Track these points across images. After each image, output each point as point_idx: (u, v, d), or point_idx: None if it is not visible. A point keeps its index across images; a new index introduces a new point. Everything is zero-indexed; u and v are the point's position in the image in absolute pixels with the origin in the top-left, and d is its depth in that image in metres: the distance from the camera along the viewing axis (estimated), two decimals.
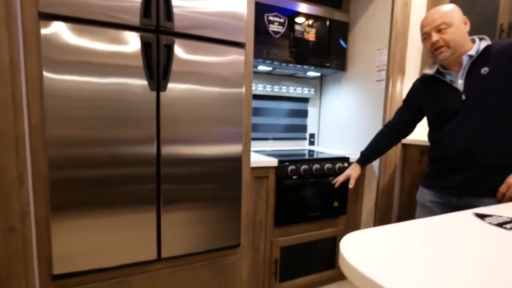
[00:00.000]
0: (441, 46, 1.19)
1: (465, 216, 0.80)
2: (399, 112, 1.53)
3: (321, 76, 2.41)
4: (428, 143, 1.77)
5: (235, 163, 1.43)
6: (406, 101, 1.50)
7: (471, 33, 1.24)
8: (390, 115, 1.87)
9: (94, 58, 1.11)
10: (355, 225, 2.02)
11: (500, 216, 0.82)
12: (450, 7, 1.20)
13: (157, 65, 1.22)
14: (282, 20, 1.80)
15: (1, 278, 1.05)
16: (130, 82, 1.18)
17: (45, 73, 1.04)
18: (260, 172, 1.62)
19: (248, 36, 1.41)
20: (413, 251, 0.56)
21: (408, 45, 1.87)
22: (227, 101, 1.38)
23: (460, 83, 1.22)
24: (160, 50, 1.22)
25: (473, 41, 1.22)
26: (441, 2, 1.87)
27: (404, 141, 1.93)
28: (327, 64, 2.00)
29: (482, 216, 0.81)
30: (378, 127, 1.91)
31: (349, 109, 2.18)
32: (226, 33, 1.34)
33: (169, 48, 1.23)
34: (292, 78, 2.29)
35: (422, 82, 1.39)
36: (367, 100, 2.02)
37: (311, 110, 2.44)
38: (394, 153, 1.92)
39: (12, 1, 0.96)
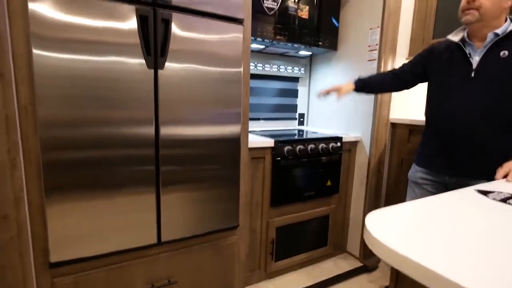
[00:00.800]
0: (472, 8, 1.15)
1: (469, 193, 0.83)
2: (407, 63, 1.48)
3: (311, 56, 2.39)
4: (416, 123, 1.83)
5: (234, 143, 1.41)
6: (420, 55, 1.44)
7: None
8: (382, 96, 1.89)
9: (87, 34, 1.03)
10: (346, 203, 2.08)
11: (501, 192, 0.86)
12: None
13: (154, 41, 1.15)
14: None
15: None
16: (126, 59, 1.11)
17: (34, 51, 0.96)
18: (256, 153, 1.61)
19: (246, 12, 1.36)
20: (431, 226, 0.57)
21: (399, 24, 1.88)
22: (226, 80, 1.33)
23: (476, 60, 1.20)
24: (157, 25, 1.14)
25: (505, 19, 1.17)
26: None
27: (393, 120, 1.98)
28: (319, 43, 1.98)
29: (484, 193, 0.85)
30: (370, 107, 1.94)
31: None
32: (224, 8, 1.28)
33: (167, 23, 1.16)
34: (282, 57, 2.25)
35: (444, 46, 1.34)
36: None
37: (301, 89, 2.43)
38: (385, 132, 1.96)
39: None
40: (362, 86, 1.53)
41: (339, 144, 1.89)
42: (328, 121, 2.30)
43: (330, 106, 2.27)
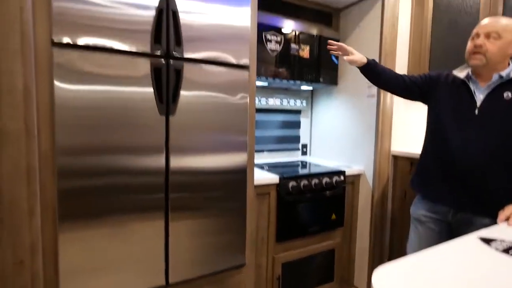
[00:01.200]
0: (479, 52, 1.21)
1: (472, 242, 0.85)
2: (417, 76, 1.49)
3: (313, 89, 2.47)
4: (418, 156, 1.86)
5: (240, 175, 1.45)
6: (430, 76, 1.47)
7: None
8: (383, 129, 1.95)
9: (105, 82, 1.11)
10: (351, 236, 2.09)
11: (503, 241, 0.88)
12: (509, 22, 1.21)
13: (166, 90, 1.22)
14: (278, 39, 1.84)
15: None
16: (140, 107, 1.17)
17: (56, 82, 1.03)
18: (262, 189, 1.65)
19: (251, 58, 1.44)
20: (437, 284, 0.60)
21: (396, 63, 1.97)
22: (232, 115, 1.40)
23: (480, 98, 1.25)
24: (169, 75, 1.22)
25: (509, 64, 1.24)
26: (424, 24, 1.99)
27: (395, 153, 2.02)
28: (320, 79, 2.07)
29: (487, 241, 0.87)
30: (371, 140, 2.00)
31: (341, 121, 2.25)
32: (231, 57, 1.36)
33: (178, 73, 1.24)
34: (285, 90, 2.33)
35: (448, 78, 1.39)
36: (358, 113, 2.09)
37: (303, 121, 2.49)
38: (387, 165, 2.01)
39: (27, 30, 0.93)
40: (372, 68, 1.51)
41: (342, 177, 1.93)
42: (331, 151, 2.34)
43: (333, 138, 2.32)
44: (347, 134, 2.19)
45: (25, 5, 0.94)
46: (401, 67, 2.02)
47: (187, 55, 1.25)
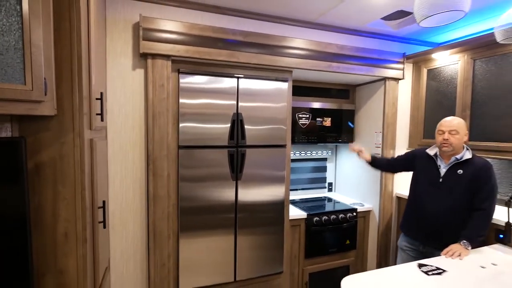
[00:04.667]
0: (447, 144, 1.83)
1: (412, 266, 1.52)
2: (399, 157, 2.23)
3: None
4: None
5: (280, 206, 2.29)
6: (407, 154, 2.18)
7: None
8: (386, 177, 2.63)
9: (206, 162, 2.00)
10: (363, 257, 2.77)
11: (431, 266, 1.53)
12: (461, 121, 1.85)
13: (236, 164, 2.07)
14: (307, 116, 2.63)
15: None
16: (222, 174, 2.04)
17: (180, 169, 1.92)
18: (294, 222, 2.42)
19: (288, 140, 2.26)
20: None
21: (397, 130, 2.65)
22: (275, 173, 2.21)
23: (443, 171, 1.89)
24: (238, 157, 2.07)
25: (463, 148, 1.86)
26: (419, 101, 2.64)
27: (398, 194, 2.69)
28: (340, 140, 2.81)
29: (420, 266, 1.54)
30: (377, 182, 2.67)
31: (357, 167, 2.94)
32: (275, 141, 2.19)
33: (243, 155, 2.08)
34: (315, 145, 3.09)
35: (423, 154, 2.02)
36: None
37: (329, 165, 3.22)
38: (390, 204, 2.67)
39: (169, 145, 1.84)
40: (373, 163, 2.29)
41: (354, 214, 2.64)
42: (350, 189, 3.04)
43: (351, 179, 3.03)
44: (362, 178, 2.89)
45: (168, 132, 1.85)
46: (402, 132, 2.70)
47: (248, 144, 2.09)
